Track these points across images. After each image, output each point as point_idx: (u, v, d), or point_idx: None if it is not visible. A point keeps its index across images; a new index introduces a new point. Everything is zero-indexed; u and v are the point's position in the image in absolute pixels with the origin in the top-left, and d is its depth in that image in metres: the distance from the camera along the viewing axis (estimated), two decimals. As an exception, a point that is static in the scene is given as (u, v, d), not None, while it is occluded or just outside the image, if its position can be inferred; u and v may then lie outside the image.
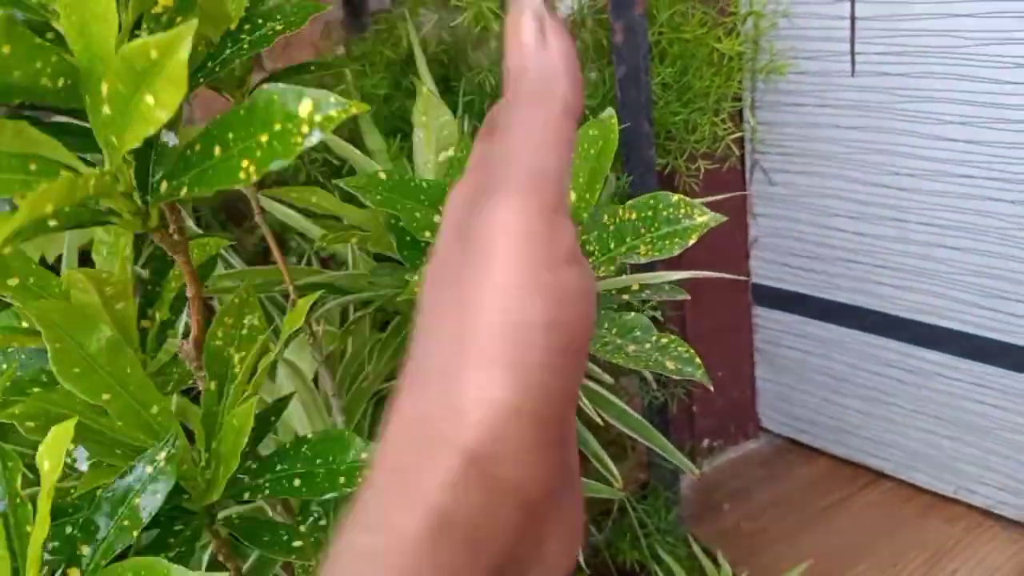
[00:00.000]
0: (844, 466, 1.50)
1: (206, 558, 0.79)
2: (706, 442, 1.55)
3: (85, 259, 0.99)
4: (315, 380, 0.91)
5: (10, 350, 0.51)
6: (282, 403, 0.55)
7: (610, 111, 0.48)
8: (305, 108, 0.33)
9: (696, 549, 1.17)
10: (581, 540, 0.25)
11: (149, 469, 0.43)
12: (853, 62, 1.22)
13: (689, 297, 0.57)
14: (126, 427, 0.46)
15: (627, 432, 1.08)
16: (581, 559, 0.94)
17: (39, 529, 0.36)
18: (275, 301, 1.01)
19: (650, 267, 1.10)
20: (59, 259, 1.00)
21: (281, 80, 0.71)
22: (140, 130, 0.32)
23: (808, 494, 1.46)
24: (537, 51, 0.25)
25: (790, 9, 1.20)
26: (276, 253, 0.73)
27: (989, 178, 1.15)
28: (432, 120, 0.55)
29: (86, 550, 0.41)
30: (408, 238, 0.53)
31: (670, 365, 0.48)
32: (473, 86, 1.10)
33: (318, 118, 0.32)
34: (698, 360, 0.48)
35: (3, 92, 0.33)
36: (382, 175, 0.49)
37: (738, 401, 1.57)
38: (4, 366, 0.50)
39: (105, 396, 0.45)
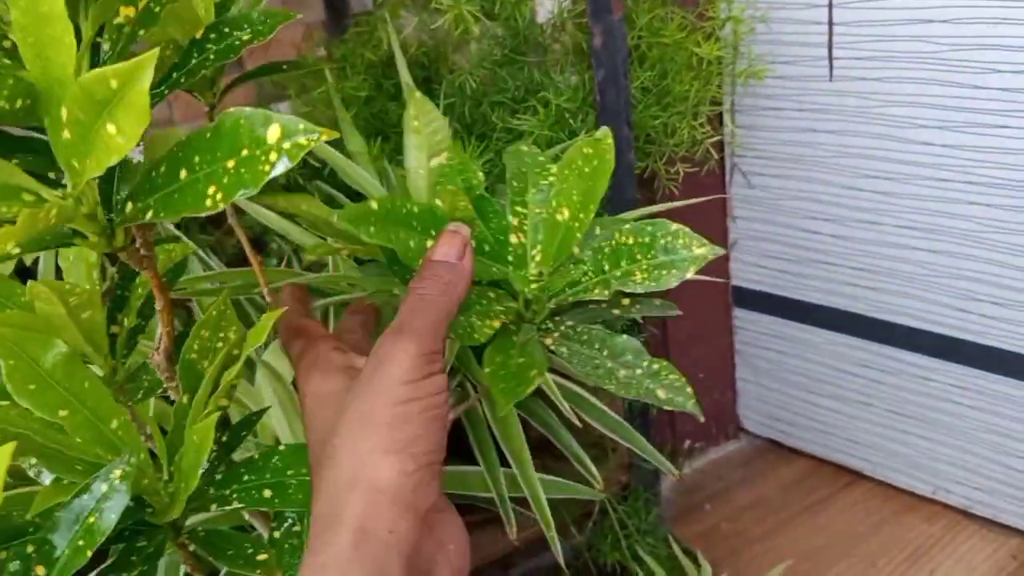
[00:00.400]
0: (824, 466, 1.51)
1: (182, 571, 0.78)
2: (687, 443, 1.55)
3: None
4: (294, 383, 0.91)
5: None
6: (255, 416, 0.55)
7: (605, 129, 0.47)
8: (273, 134, 0.32)
9: (677, 550, 1.18)
10: (468, 545, 0.41)
11: (104, 487, 0.42)
12: (831, 67, 1.23)
13: (680, 313, 0.56)
14: (85, 443, 0.45)
15: (608, 434, 1.09)
16: (561, 561, 0.94)
17: None
18: (255, 303, 1.01)
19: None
20: (36, 261, 1.00)
21: (253, 78, 0.70)
22: (103, 158, 0.31)
23: (788, 494, 1.47)
24: (455, 260, 0.43)
25: (768, 14, 1.21)
26: (251, 256, 0.72)
27: (964, 182, 1.16)
28: (424, 125, 0.55)
29: (41, 571, 0.40)
30: (400, 268, 0.52)
31: (661, 394, 0.46)
32: (454, 88, 1.10)
33: (287, 145, 0.31)
34: (689, 390, 0.47)
35: None
36: (374, 205, 0.47)
37: (718, 402, 1.58)
38: None
39: (62, 412, 0.44)
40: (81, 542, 0.41)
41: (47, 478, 0.47)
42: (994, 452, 1.28)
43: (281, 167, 0.31)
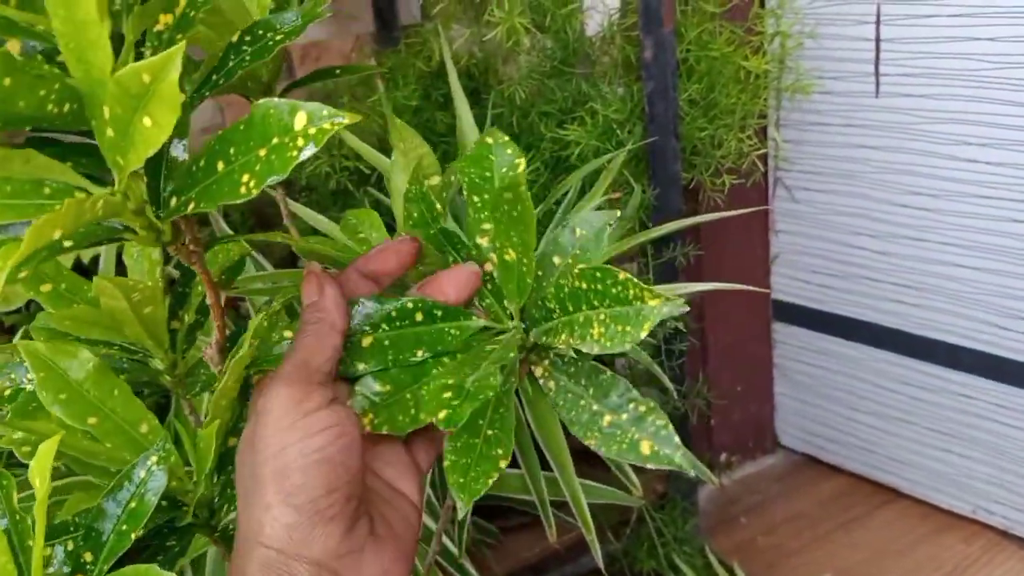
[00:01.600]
0: (861, 483, 1.50)
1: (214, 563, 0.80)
2: (723, 456, 1.55)
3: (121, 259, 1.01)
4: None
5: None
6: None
7: (517, 165, 0.45)
8: (300, 121, 0.33)
9: (713, 560, 1.18)
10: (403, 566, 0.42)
11: (142, 473, 0.44)
12: (877, 83, 1.24)
13: (687, 309, 0.54)
14: (115, 448, 0.47)
15: (647, 441, 1.09)
16: (601, 565, 0.96)
17: (38, 541, 0.38)
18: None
19: (667, 277, 1.12)
20: (94, 260, 1.03)
21: (308, 83, 0.72)
22: (141, 150, 0.33)
23: (825, 510, 1.46)
24: (317, 296, 0.43)
25: (816, 30, 1.22)
26: (304, 259, 0.75)
27: (1010, 199, 1.16)
28: (409, 149, 0.55)
29: (89, 557, 0.42)
30: None
31: (645, 450, 0.43)
32: (503, 99, 1.12)
33: (312, 130, 0.33)
34: (677, 440, 0.42)
35: (11, 121, 0.33)
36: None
37: (756, 416, 1.58)
38: (13, 376, 0.51)
39: (91, 420, 0.46)
40: (125, 527, 0.43)
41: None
42: (1036, 473, 1.27)
43: (308, 152, 0.33)
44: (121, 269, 0.64)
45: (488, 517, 1.26)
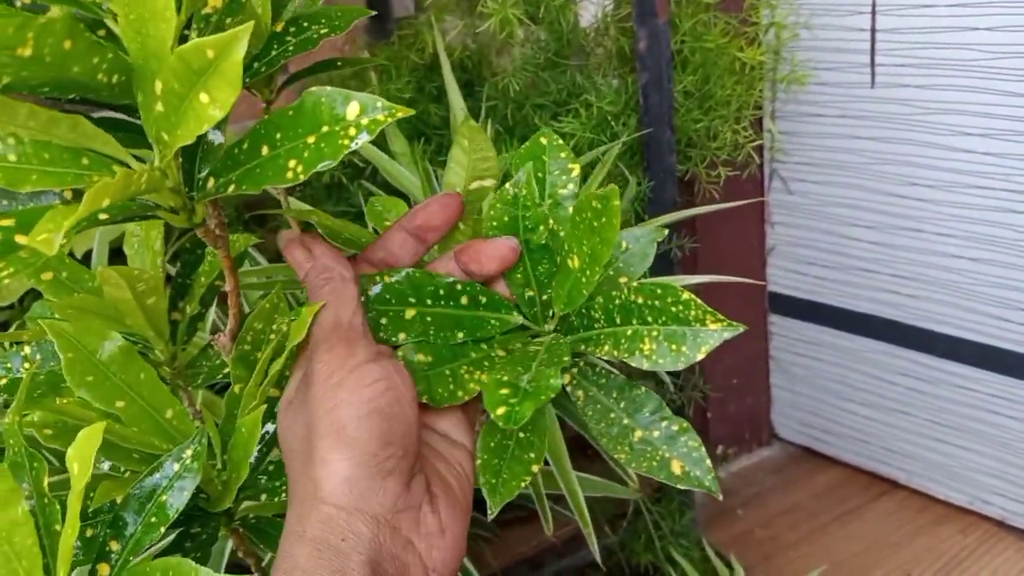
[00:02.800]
0: (858, 475, 1.50)
1: (227, 553, 0.80)
2: (720, 448, 1.55)
3: (112, 254, 1.01)
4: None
5: (43, 341, 0.52)
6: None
7: (613, 187, 0.42)
8: (353, 111, 0.33)
9: (710, 553, 1.18)
10: (459, 540, 0.41)
11: (176, 467, 0.43)
12: (873, 74, 1.23)
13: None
14: (141, 433, 0.46)
15: (643, 435, 1.09)
16: (598, 558, 0.95)
17: (69, 528, 0.37)
18: (300, 299, 1.03)
19: (665, 272, 1.11)
20: (87, 254, 1.03)
21: (307, 76, 0.72)
22: (194, 127, 0.33)
23: (822, 502, 1.46)
24: (309, 260, 0.43)
25: (811, 21, 1.21)
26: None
27: (1007, 190, 1.16)
28: (474, 151, 0.54)
29: (115, 546, 0.42)
30: None
31: (676, 470, 0.42)
32: (496, 91, 1.12)
33: (365, 121, 0.33)
34: (708, 463, 0.42)
35: (61, 86, 0.33)
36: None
37: (752, 408, 1.58)
38: (39, 356, 0.51)
39: (119, 403, 0.45)
40: (154, 519, 0.42)
41: (106, 466, 0.49)
42: (1033, 464, 1.27)
43: (361, 140, 0.33)
44: (115, 263, 0.63)
45: (484, 511, 1.25)
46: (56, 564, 0.38)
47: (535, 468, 0.43)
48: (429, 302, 0.45)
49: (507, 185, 0.48)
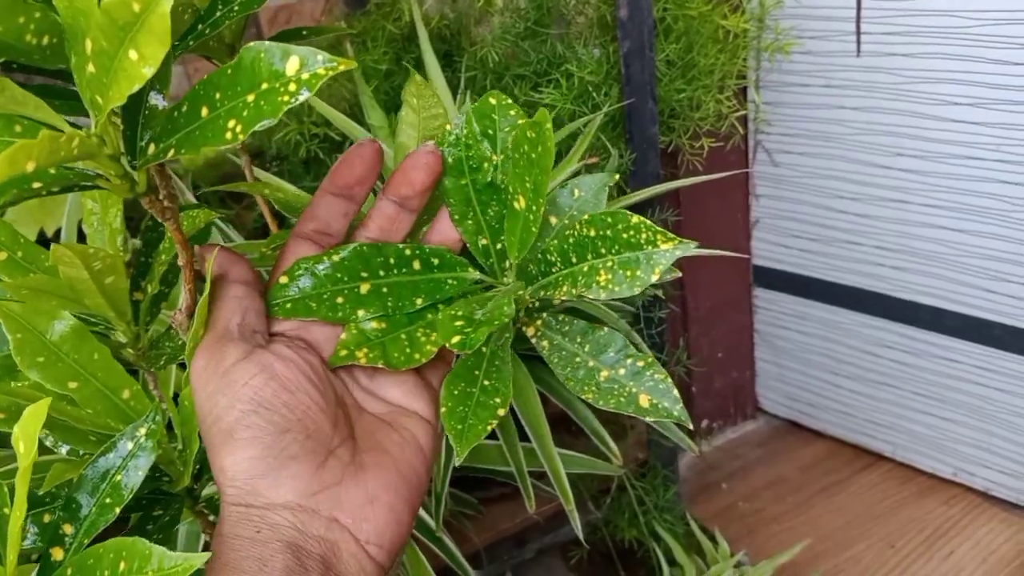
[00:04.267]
0: (843, 448, 1.50)
1: (202, 539, 0.78)
2: (705, 423, 1.55)
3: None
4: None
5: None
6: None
7: (543, 111, 0.43)
8: (292, 66, 0.32)
9: (694, 527, 1.18)
10: (392, 507, 0.40)
11: (130, 445, 0.42)
12: (859, 42, 1.21)
13: (681, 274, 0.53)
14: (96, 414, 0.45)
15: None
16: (581, 535, 0.94)
17: (17, 510, 0.36)
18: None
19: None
20: (57, 233, 1.00)
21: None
22: (124, 87, 0.31)
23: (806, 475, 1.46)
24: (207, 268, 0.42)
25: (796, -13, 1.19)
26: (272, 228, 0.72)
27: (995, 159, 1.14)
28: (423, 108, 0.53)
29: (69, 529, 0.41)
30: None
31: (644, 403, 0.42)
32: (475, 61, 1.09)
33: (305, 75, 0.32)
34: (676, 393, 0.42)
35: None
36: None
37: (737, 382, 1.57)
38: None
39: (72, 384, 0.44)
40: (108, 500, 0.41)
41: (64, 450, 0.48)
42: (1019, 435, 1.27)
43: (302, 96, 0.32)
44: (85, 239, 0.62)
45: (468, 488, 1.25)
46: (5, 549, 0.37)
47: (501, 412, 0.43)
48: (382, 273, 0.45)
49: (448, 127, 0.47)
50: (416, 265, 0.46)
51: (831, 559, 1.27)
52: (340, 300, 0.44)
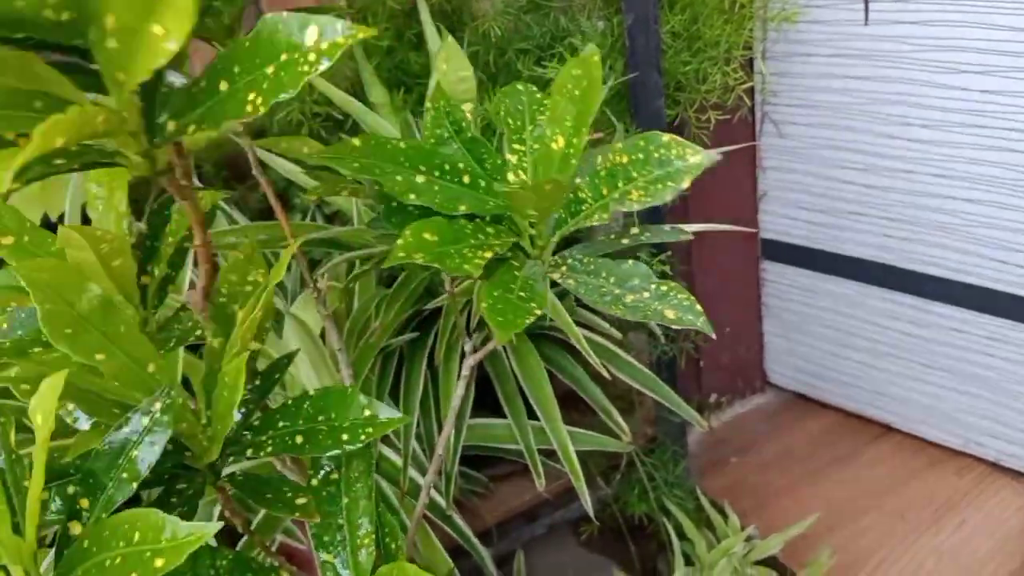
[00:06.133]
0: (852, 420, 1.50)
1: (216, 514, 0.79)
2: (713, 397, 1.55)
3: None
4: (323, 335, 0.90)
5: (9, 309, 0.50)
6: (285, 360, 0.55)
7: (592, 47, 0.45)
8: (311, 36, 0.32)
9: (704, 502, 1.18)
10: None
11: (145, 421, 0.43)
12: (867, 11, 1.19)
13: (692, 238, 0.55)
14: (122, 387, 0.45)
15: (635, 386, 1.08)
16: (591, 511, 0.95)
17: (35, 483, 0.36)
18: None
19: (654, 218, 1.08)
20: (60, 219, 1.00)
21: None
22: (149, 61, 0.31)
23: (815, 448, 1.46)
24: None
25: (802, -45, 1.17)
26: (277, 209, 0.72)
27: (1005, 128, 1.13)
28: (452, 71, 0.55)
29: (86, 503, 0.41)
30: (394, 203, 0.52)
31: (670, 314, 0.46)
32: (477, 36, 1.08)
33: (324, 45, 0.32)
34: (699, 307, 0.46)
35: (6, 23, 0.31)
36: (356, 142, 0.48)
37: (745, 356, 1.57)
38: (4, 326, 0.50)
39: (99, 356, 0.44)
40: (125, 474, 0.41)
41: (84, 424, 0.48)
42: (1028, 405, 1.26)
43: (322, 66, 0.32)
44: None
45: (478, 467, 1.25)
46: (24, 521, 0.37)
47: (538, 312, 0.46)
48: (436, 174, 0.50)
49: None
50: (466, 179, 0.50)
51: (841, 531, 1.27)
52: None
